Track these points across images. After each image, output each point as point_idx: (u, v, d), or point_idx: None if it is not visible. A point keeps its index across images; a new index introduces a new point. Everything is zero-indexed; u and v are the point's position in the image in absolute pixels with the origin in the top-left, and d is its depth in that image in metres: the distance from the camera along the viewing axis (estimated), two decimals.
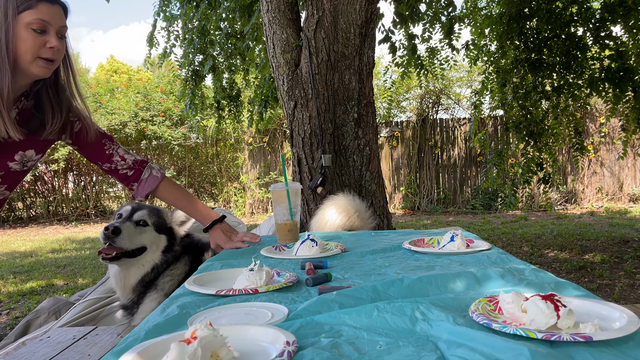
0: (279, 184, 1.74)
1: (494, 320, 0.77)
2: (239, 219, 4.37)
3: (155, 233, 2.01)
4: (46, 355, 1.84)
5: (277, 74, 3.25)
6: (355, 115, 3.16)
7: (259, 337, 0.77)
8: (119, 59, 25.46)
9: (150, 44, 5.64)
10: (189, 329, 0.70)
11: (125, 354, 0.70)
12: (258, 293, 1.08)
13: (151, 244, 1.99)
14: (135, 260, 1.96)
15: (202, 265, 1.50)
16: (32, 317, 2.87)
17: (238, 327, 0.79)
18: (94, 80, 14.35)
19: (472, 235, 1.64)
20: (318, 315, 0.86)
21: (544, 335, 0.68)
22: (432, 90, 10.21)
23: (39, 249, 7.33)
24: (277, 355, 0.68)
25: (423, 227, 7.84)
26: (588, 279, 4.19)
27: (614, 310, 0.79)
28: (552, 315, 0.74)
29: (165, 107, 10.85)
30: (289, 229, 1.73)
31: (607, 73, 4.48)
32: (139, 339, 0.81)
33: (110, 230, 1.86)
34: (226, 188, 11.40)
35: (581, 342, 0.67)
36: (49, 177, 11.20)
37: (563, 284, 0.99)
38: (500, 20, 5.03)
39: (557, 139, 5.14)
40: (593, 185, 9.79)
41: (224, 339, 0.70)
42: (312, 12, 3.06)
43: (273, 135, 10.83)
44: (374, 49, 3.28)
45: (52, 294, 4.40)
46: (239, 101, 6.10)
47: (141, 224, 1.97)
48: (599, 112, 9.54)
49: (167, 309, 0.99)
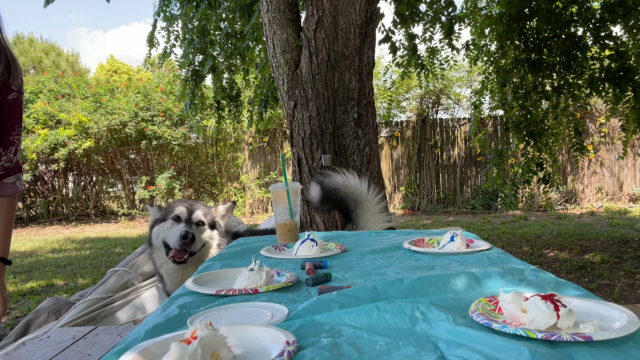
0: (279, 183, 1.74)
1: (494, 320, 0.77)
2: (239, 219, 4.37)
3: (209, 230, 2.16)
4: (46, 355, 1.84)
5: (277, 74, 3.25)
6: (355, 115, 3.16)
7: (259, 337, 0.77)
8: (119, 59, 25.45)
9: (151, 44, 5.64)
10: (189, 329, 0.70)
11: (125, 353, 0.70)
12: (258, 293, 1.08)
13: (208, 240, 2.14)
14: (194, 258, 2.09)
15: (202, 265, 1.50)
16: (32, 317, 2.87)
17: (238, 327, 0.79)
18: (94, 80, 14.34)
19: (472, 235, 1.64)
20: (318, 315, 0.86)
21: (544, 335, 0.68)
22: (432, 90, 10.21)
23: (39, 249, 7.34)
24: (277, 355, 0.68)
25: (423, 227, 7.84)
26: (588, 279, 4.19)
27: (614, 310, 0.79)
28: (552, 315, 0.74)
29: (165, 107, 10.85)
30: (289, 229, 1.73)
31: (607, 73, 4.48)
32: (139, 339, 0.81)
33: (189, 238, 1.99)
34: (226, 188, 11.40)
35: (581, 342, 0.67)
36: (49, 177, 11.20)
37: (563, 284, 0.99)
38: (500, 20, 5.03)
39: (557, 139, 5.13)
40: (593, 185, 9.79)
41: (224, 339, 0.69)
42: (312, 12, 3.06)
43: (273, 135, 10.83)
44: (374, 49, 3.28)
45: (52, 294, 4.40)
46: (239, 101, 6.10)
47: (200, 224, 2.13)
48: (599, 112, 9.53)
49: (167, 309, 0.99)
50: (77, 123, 10.35)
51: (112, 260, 6.05)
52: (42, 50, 23.34)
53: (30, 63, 22.79)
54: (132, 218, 11.06)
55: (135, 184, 11.35)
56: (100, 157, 10.86)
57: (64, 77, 12.87)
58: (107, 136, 10.74)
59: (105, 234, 8.98)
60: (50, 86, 11.51)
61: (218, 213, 2.25)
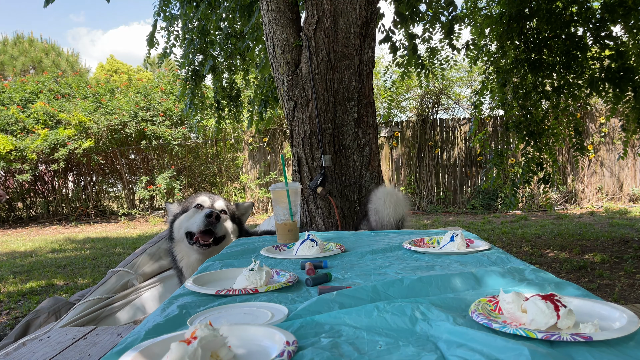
0: (279, 183, 1.73)
1: (494, 320, 0.77)
2: None
3: (230, 222, 2.12)
4: (46, 355, 1.84)
5: (277, 74, 3.25)
6: (355, 115, 3.16)
7: (259, 337, 0.77)
8: (119, 59, 25.45)
9: (150, 44, 5.64)
10: (189, 329, 0.69)
11: (125, 353, 0.70)
12: (258, 293, 1.08)
13: (230, 232, 2.09)
14: (217, 248, 2.05)
15: (201, 265, 1.50)
16: (32, 317, 2.86)
17: (238, 327, 0.79)
18: (94, 80, 14.34)
19: (472, 235, 1.64)
20: (318, 315, 0.86)
21: (544, 335, 0.68)
22: (432, 90, 10.21)
23: (39, 249, 7.33)
24: (277, 356, 0.68)
25: (423, 227, 7.83)
26: (588, 279, 4.19)
27: (614, 310, 0.79)
28: (552, 315, 0.74)
29: (165, 107, 10.85)
30: (289, 228, 1.73)
31: (607, 73, 4.48)
32: (139, 339, 0.81)
33: (214, 216, 1.93)
34: (226, 188, 11.40)
35: (581, 342, 0.67)
36: (48, 177, 11.20)
37: (563, 284, 0.99)
38: (501, 20, 5.03)
39: (557, 139, 5.13)
40: (593, 185, 9.79)
41: (224, 339, 0.69)
42: (312, 12, 3.06)
43: (273, 135, 10.83)
44: (374, 49, 3.27)
45: (52, 294, 4.40)
46: (238, 101, 6.09)
47: (222, 212, 2.06)
48: (599, 112, 9.53)
49: (167, 309, 0.99)
50: (77, 123, 10.35)
51: (112, 260, 6.05)
52: (42, 50, 23.34)
53: (30, 63, 22.78)
54: (132, 218, 11.06)
55: (135, 184, 11.35)
56: (100, 157, 10.86)
57: (64, 77, 12.88)
58: (107, 136, 10.74)
59: (105, 234, 8.98)
60: (50, 86, 11.51)
61: (241, 210, 2.23)
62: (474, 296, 0.95)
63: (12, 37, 23.82)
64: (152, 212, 11.32)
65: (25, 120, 10.31)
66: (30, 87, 11.35)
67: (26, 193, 11.27)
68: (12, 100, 10.86)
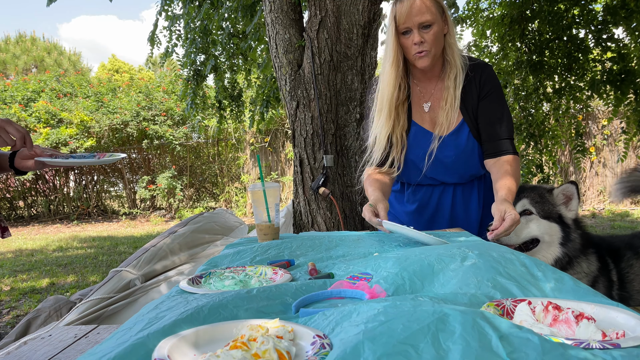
0: (257, 184, 1.67)
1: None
2: (240, 219, 4.37)
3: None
4: (47, 353, 1.84)
5: (279, 74, 3.26)
6: (358, 116, 3.17)
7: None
8: (120, 58, 25.49)
9: (152, 43, 5.64)
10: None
11: (165, 339, 0.68)
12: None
13: (543, 234, 1.78)
14: None
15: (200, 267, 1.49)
16: (33, 316, 2.87)
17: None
18: (95, 79, 14.36)
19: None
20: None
21: (573, 343, 0.66)
22: None
23: (40, 248, 7.34)
24: (320, 348, 0.64)
25: None
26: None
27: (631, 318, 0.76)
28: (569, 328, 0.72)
29: (166, 106, 10.87)
30: (265, 232, 1.69)
31: (609, 75, 4.47)
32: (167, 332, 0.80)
33: None
34: (227, 188, 11.41)
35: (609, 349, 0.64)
36: (50, 176, 11.21)
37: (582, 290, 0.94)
38: (502, 22, 5.03)
39: (558, 141, 5.13)
40: (595, 187, 9.79)
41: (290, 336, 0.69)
42: (314, 12, 3.06)
43: (274, 136, 10.84)
44: (376, 49, 3.28)
45: (53, 293, 4.41)
46: (240, 101, 6.10)
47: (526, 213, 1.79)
48: (601, 113, 9.53)
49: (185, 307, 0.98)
50: (78, 122, 10.36)
51: (113, 259, 6.05)
52: (44, 49, 23.38)
53: (33, 62, 22.83)
54: (133, 217, 11.07)
55: (137, 183, 11.36)
56: None
57: (66, 76, 12.91)
58: (108, 135, 10.76)
59: (107, 233, 8.99)
60: (52, 85, 11.53)
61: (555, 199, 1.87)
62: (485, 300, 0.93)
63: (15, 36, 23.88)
64: (153, 212, 11.33)
65: (27, 119, 10.33)
66: (32, 86, 11.36)
67: (27, 192, 11.28)
68: (14, 99, 10.88)
